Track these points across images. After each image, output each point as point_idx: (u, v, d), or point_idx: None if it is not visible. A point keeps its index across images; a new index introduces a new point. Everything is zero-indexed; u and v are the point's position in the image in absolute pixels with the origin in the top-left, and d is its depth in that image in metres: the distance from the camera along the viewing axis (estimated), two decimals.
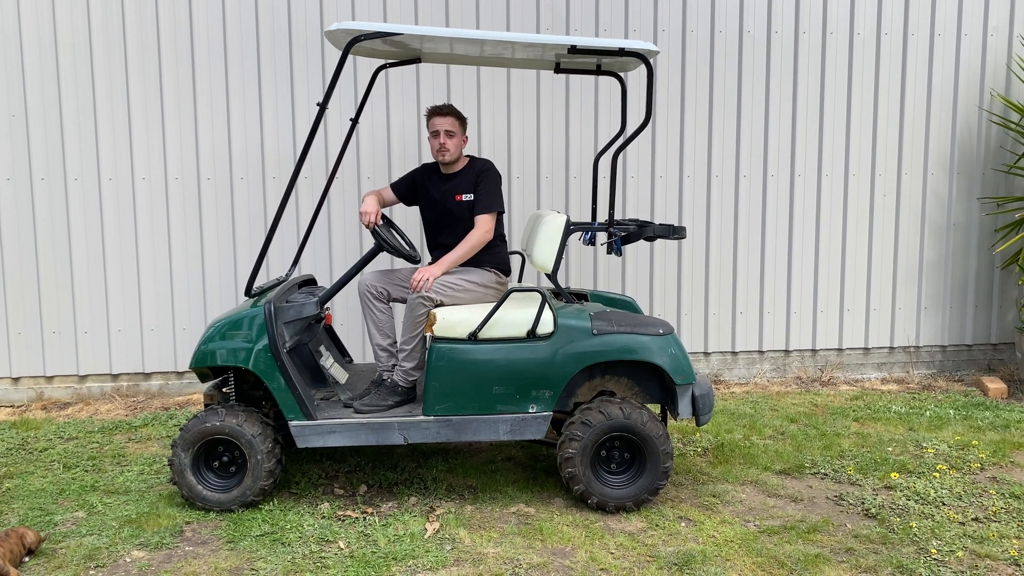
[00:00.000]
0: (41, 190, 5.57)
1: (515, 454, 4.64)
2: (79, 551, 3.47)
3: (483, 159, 4.36)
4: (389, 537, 3.59)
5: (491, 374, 3.83)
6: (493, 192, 4.24)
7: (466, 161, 4.38)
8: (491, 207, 4.21)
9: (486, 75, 5.81)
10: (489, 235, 4.20)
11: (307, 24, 5.64)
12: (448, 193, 4.30)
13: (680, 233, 4.10)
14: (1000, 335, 6.37)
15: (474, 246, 4.16)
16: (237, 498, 3.83)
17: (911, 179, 6.17)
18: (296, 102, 5.68)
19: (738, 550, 3.49)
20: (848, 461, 4.49)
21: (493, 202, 4.22)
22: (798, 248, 6.13)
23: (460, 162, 4.36)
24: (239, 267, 5.75)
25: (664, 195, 6.01)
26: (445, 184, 4.34)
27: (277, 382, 3.79)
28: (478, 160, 4.36)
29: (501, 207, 4.28)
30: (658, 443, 3.82)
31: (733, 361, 6.22)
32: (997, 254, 6.26)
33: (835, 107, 6.05)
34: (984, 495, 4.03)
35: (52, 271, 5.63)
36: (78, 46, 5.50)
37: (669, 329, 3.95)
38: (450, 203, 4.30)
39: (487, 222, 4.19)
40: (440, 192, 4.33)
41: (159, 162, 5.64)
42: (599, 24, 5.85)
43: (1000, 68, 6.15)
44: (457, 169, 4.35)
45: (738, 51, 5.95)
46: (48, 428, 5.10)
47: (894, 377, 6.29)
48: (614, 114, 5.92)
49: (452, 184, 4.32)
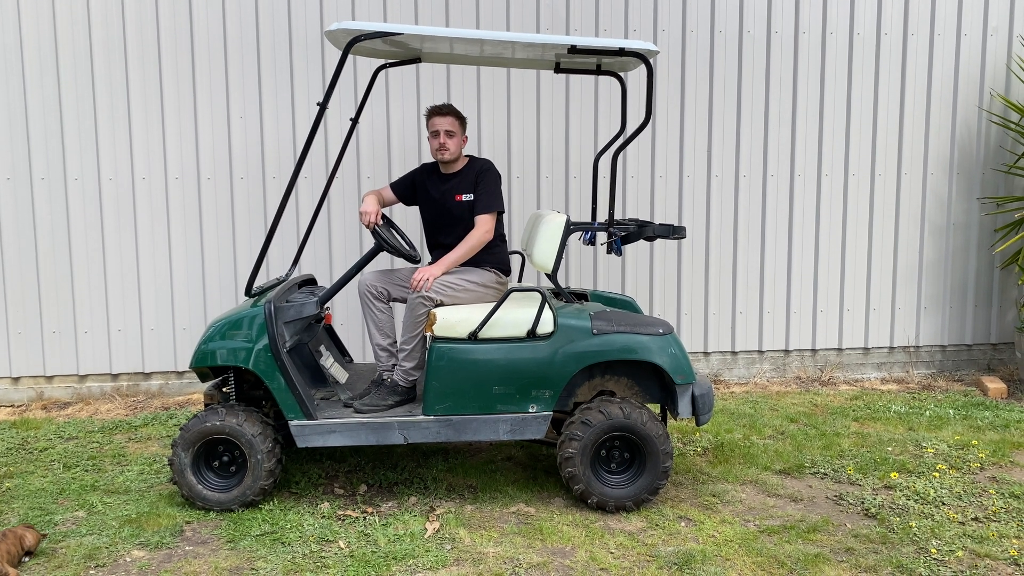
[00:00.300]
0: (41, 190, 5.58)
1: (515, 454, 4.65)
2: (79, 551, 3.48)
3: (483, 159, 4.36)
4: (389, 537, 3.59)
5: (491, 374, 3.83)
6: (493, 192, 4.24)
7: (466, 161, 4.38)
8: (491, 207, 4.21)
9: (486, 75, 5.81)
10: (489, 235, 4.20)
11: (307, 24, 5.64)
12: (448, 193, 4.30)
13: (680, 233, 4.10)
14: (1000, 335, 6.37)
15: (474, 246, 4.16)
16: (237, 498, 3.83)
17: (911, 179, 6.18)
18: (296, 102, 5.68)
19: (738, 550, 3.49)
20: (848, 461, 4.49)
21: (493, 202, 4.22)
22: (798, 248, 6.13)
23: (460, 162, 4.36)
24: (239, 267, 5.75)
25: (664, 195, 6.01)
26: (445, 184, 4.34)
27: (277, 382, 3.79)
28: (478, 160, 4.36)
29: (501, 207, 4.28)
30: (658, 443, 3.82)
31: (733, 361, 6.22)
32: (997, 254, 6.26)
33: (835, 107, 6.06)
34: (984, 495, 4.03)
35: (52, 271, 5.63)
36: (78, 45, 5.50)
37: (669, 329, 3.96)
38: (450, 203, 4.30)
39: (487, 222, 4.19)
40: (440, 192, 4.33)
41: (159, 162, 5.64)
42: (599, 24, 5.85)
43: (1000, 68, 6.15)
44: (457, 169, 4.35)
45: (738, 51, 5.95)
46: (48, 428, 5.11)
47: (894, 377, 6.29)
48: (614, 114, 5.92)
49: (452, 184, 4.32)
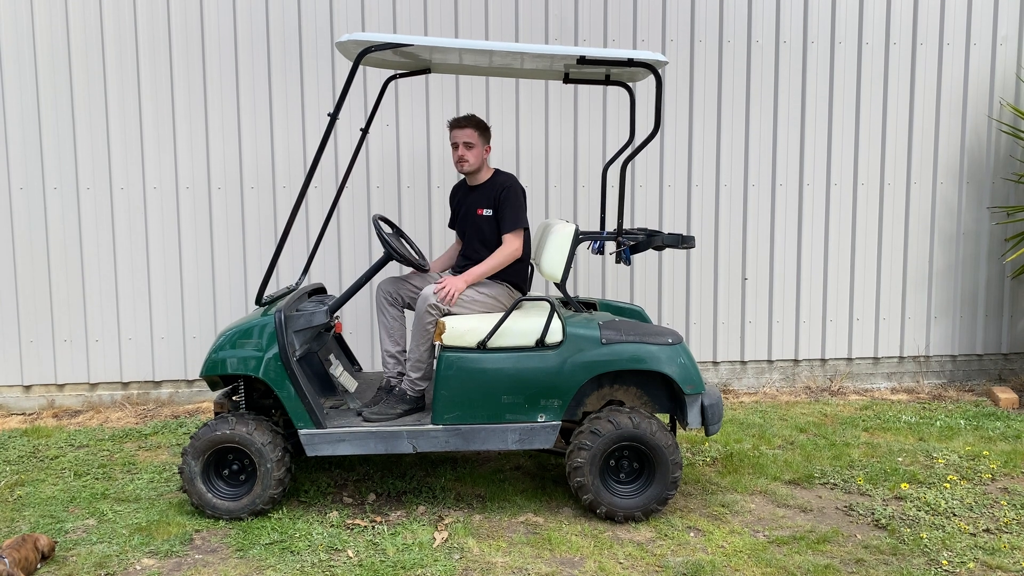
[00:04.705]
0: (54, 199, 5.62)
1: (524, 463, 4.64)
2: (89, 559, 3.49)
3: (507, 173, 4.34)
4: (398, 546, 3.59)
5: (500, 383, 3.83)
6: (517, 209, 4.20)
7: (491, 173, 4.36)
8: (517, 224, 4.18)
9: (495, 85, 5.83)
10: (518, 253, 4.18)
11: (317, 35, 5.68)
12: (472, 207, 4.31)
13: (689, 242, 4.10)
14: (1011, 344, 6.34)
15: (501, 262, 4.15)
16: (247, 506, 3.84)
17: (920, 188, 6.16)
18: (306, 112, 5.72)
19: (747, 560, 3.48)
20: (858, 471, 4.47)
21: (518, 219, 4.20)
22: (807, 257, 6.12)
23: (484, 173, 4.34)
24: (249, 276, 5.78)
25: (673, 204, 6.02)
26: (469, 197, 4.35)
27: (287, 390, 3.81)
28: (502, 174, 4.34)
29: (526, 223, 4.25)
30: (667, 453, 3.81)
31: (742, 370, 6.21)
32: (1008, 263, 6.23)
33: (844, 116, 6.05)
34: (995, 506, 4.01)
35: (64, 280, 5.67)
36: (91, 57, 5.55)
37: (678, 338, 3.95)
38: (473, 216, 4.30)
39: (514, 240, 4.16)
40: (466, 205, 4.35)
41: (170, 171, 5.68)
42: (607, 34, 5.87)
43: (1010, 77, 6.14)
44: (481, 181, 4.34)
45: (746, 60, 5.96)
46: (59, 436, 5.13)
47: (904, 387, 6.26)
48: (622, 123, 5.93)
49: (475, 197, 4.32)
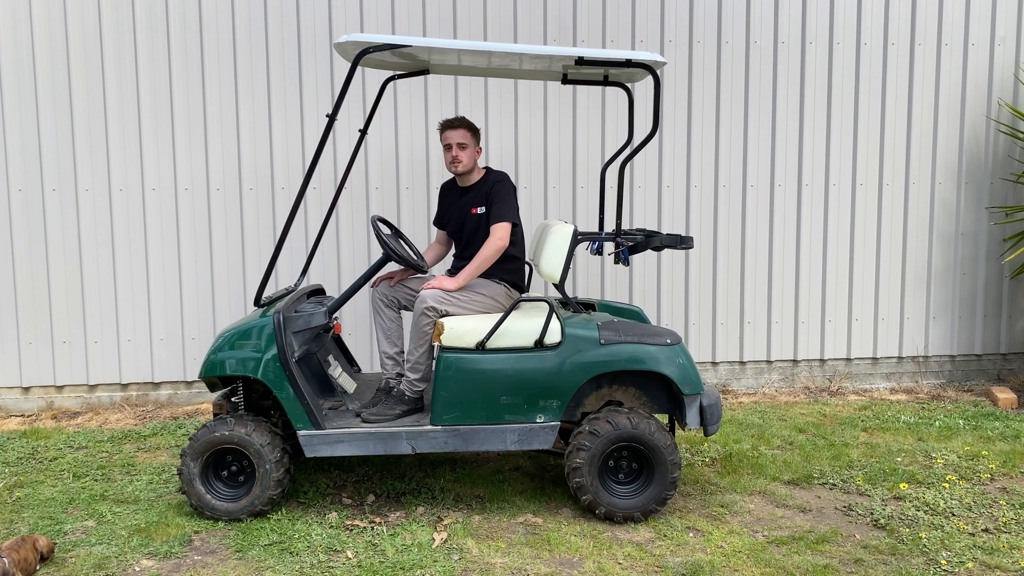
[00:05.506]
0: (52, 200, 5.62)
1: (523, 464, 4.64)
2: (88, 560, 3.49)
3: (498, 171, 4.36)
4: (397, 547, 3.59)
5: (499, 384, 3.84)
6: (506, 203, 4.21)
7: (482, 173, 4.38)
8: (503, 216, 4.18)
9: (494, 86, 5.83)
10: (504, 242, 4.16)
11: (316, 36, 5.68)
12: (464, 207, 4.32)
13: (687, 243, 4.10)
14: (1010, 344, 6.34)
15: (490, 256, 4.14)
16: (246, 507, 3.84)
17: (919, 188, 6.17)
18: (305, 113, 5.72)
19: (746, 560, 3.48)
20: (857, 471, 4.47)
21: (506, 211, 4.20)
22: (806, 257, 6.12)
23: (476, 174, 4.36)
24: (248, 277, 5.78)
25: (671, 205, 6.02)
26: (462, 198, 4.36)
27: (286, 391, 3.81)
28: (493, 172, 4.36)
29: (515, 218, 4.25)
30: (666, 453, 3.81)
31: (741, 371, 6.21)
32: (1006, 263, 6.24)
33: (842, 117, 6.06)
34: (994, 506, 4.01)
35: (63, 281, 5.67)
36: (89, 57, 5.55)
37: (677, 339, 3.95)
38: (467, 217, 4.31)
39: (501, 229, 4.16)
40: (458, 206, 4.35)
41: (169, 172, 5.68)
42: (606, 35, 5.87)
43: (1008, 77, 6.15)
44: (473, 182, 4.36)
45: (745, 61, 5.96)
46: (58, 437, 5.13)
47: (903, 387, 6.26)
48: (621, 124, 5.94)
49: (468, 198, 4.33)
